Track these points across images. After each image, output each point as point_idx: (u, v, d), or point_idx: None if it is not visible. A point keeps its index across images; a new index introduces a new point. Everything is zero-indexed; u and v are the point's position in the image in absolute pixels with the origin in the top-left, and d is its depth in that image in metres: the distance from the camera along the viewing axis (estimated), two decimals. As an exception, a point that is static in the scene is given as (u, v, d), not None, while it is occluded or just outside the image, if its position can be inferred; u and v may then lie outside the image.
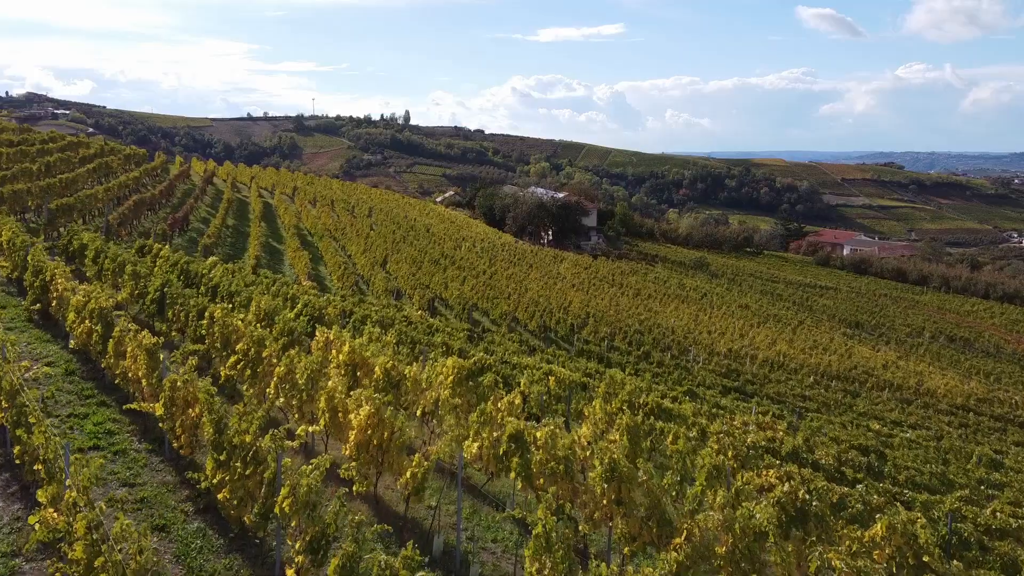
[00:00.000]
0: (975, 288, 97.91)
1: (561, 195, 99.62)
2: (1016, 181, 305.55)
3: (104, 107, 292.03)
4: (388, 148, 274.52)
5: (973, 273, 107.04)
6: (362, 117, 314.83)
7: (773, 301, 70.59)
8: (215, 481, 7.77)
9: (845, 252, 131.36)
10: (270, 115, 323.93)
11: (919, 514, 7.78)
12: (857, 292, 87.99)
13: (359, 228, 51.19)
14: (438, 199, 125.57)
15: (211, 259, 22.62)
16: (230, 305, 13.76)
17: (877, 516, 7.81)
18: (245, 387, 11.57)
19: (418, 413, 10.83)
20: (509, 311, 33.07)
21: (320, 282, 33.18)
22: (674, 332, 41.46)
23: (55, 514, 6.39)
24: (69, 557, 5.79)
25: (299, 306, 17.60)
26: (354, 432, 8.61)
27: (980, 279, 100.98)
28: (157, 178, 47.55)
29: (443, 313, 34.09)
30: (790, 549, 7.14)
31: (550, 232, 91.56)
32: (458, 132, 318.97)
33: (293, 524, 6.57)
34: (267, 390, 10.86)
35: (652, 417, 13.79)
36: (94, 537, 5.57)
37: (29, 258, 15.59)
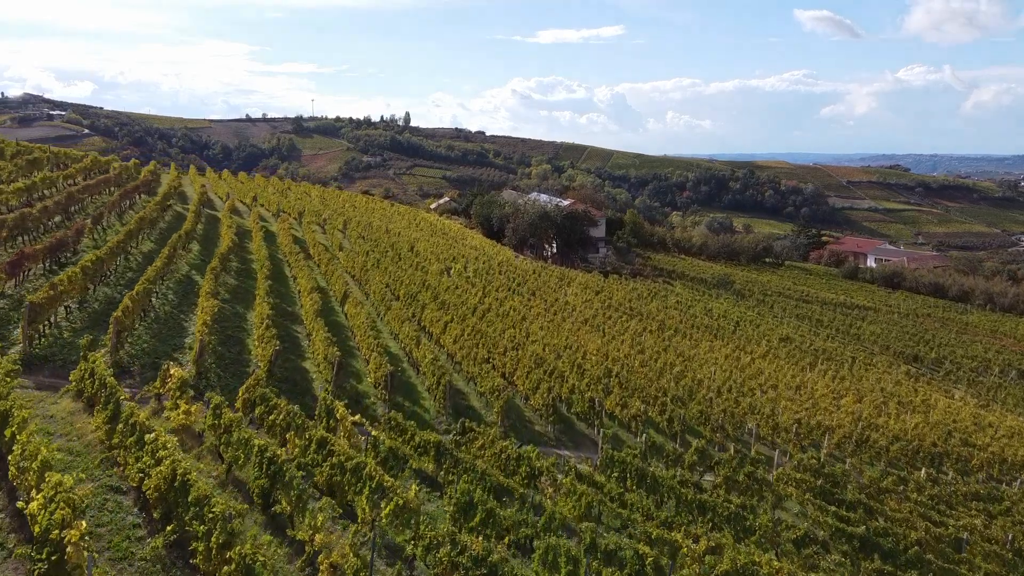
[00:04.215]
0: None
1: (566, 203, 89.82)
2: (1022, 184, 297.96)
3: (101, 108, 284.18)
4: (388, 150, 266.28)
5: (1016, 287, 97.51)
6: (362, 119, 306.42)
7: (814, 328, 61.02)
8: None
9: (870, 262, 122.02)
10: (269, 116, 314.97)
11: None
12: (898, 312, 78.50)
13: (321, 251, 41.59)
14: (432, 206, 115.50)
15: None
16: None
17: None
18: None
19: None
20: (504, 385, 23.48)
21: (235, 345, 23.55)
22: (720, 393, 31.87)
23: None
24: None
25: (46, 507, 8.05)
26: None
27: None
28: (70, 188, 37.86)
29: (412, 385, 24.49)
30: None
31: (554, 244, 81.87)
32: (459, 134, 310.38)
33: None
34: None
35: None
36: None
37: None
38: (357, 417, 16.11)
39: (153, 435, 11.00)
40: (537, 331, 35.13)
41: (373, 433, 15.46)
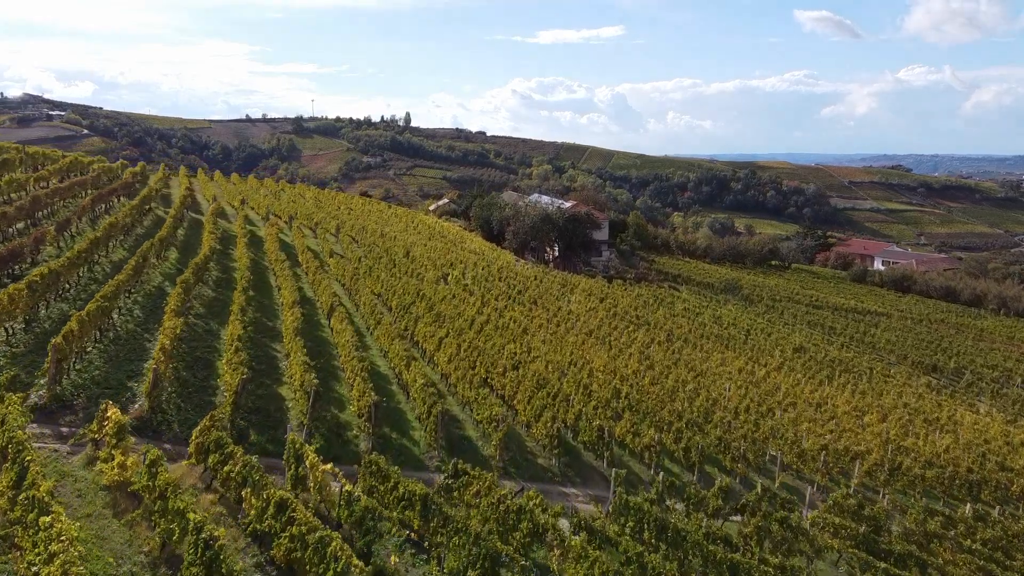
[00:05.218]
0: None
1: (568, 204, 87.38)
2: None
3: (101, 108, 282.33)
4: (388, 150, 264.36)
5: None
6: (362, 119, 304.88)
7: (827, 336, 58.56)
8: None
9: (877, 265, 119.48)
10: (269, 117, 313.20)
11: None
12: (910, 317, 75.97)
13: (310, 257, 39.15)
14: (431, 207, 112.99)
15: None
16: None
17: None
18: None
19: None
20: (503, 415, 21.07)
21: (203, 369, 21.09)
22: (737, 415, 29.45)
23: None
24: None
25: None
26: None
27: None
28: (38, 191, 35.42)
29: (401, 412, 22.06)
30: None
31: (555, 247, 79.43)
32: (459, 134, 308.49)
33: None
34: None
35: None
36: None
37: None
38: (329, 466, 13.66)
39: (49, 518, 8.57)
40: (539, 346, 32.69)
41: (347, 488, 13.02)
